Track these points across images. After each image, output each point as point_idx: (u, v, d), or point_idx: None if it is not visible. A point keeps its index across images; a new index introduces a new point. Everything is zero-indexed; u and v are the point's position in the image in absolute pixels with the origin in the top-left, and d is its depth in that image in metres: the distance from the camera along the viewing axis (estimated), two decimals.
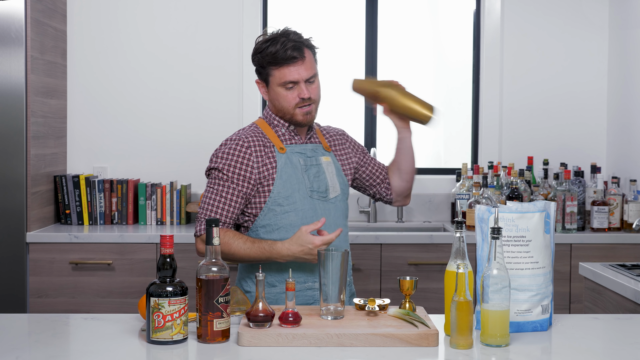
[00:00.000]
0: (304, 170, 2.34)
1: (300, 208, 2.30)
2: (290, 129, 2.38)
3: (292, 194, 2.30)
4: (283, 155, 2.32)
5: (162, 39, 4.07)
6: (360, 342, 1.82)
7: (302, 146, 2.37)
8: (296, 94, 2.31)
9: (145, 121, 4.07)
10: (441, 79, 4.36)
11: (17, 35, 3.45)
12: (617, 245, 3.60)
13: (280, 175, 2.30)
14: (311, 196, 2.33)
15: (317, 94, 2.36)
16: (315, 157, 2.38)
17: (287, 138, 2.37)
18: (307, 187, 2.33)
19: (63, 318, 2.08)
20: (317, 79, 2.36)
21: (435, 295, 3.47)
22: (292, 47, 2.27)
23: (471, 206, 3.71)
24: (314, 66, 2.34)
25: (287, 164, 2.32)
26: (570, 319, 2.12)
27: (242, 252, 2.24)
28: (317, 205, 2.33)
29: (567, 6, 4.15)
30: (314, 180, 2.34)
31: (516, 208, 1.97)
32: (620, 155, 4.02)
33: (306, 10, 4.28)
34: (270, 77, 2.32)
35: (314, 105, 2.34)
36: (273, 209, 2.30)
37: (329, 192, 2.36)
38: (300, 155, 2.35)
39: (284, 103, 2.32)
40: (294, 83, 2.30)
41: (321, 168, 2.37)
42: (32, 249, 3.50)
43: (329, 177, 2.37)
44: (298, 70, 2.29)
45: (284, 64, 2.28)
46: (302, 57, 2.29)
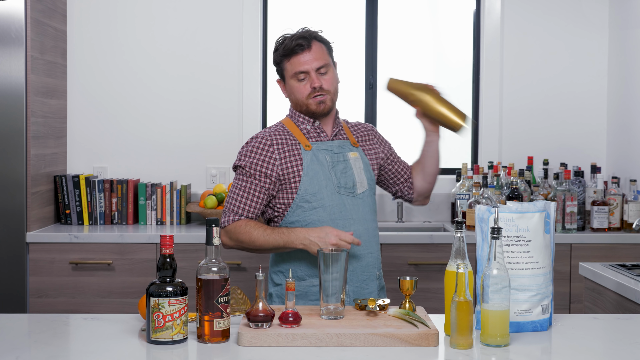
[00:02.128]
0: (330, 166, 2.39)
1: (328, 204, 2.36)
2: (315, 125, 2.43)
3: (320, 190, 2.36)
4: (309, 153, 2.38)
5: (162, 39, 4.07)
6: (360, 342, 1.82)
7: (328, 143, 2.43)
8: (308, 85, 2.38)
9: (145, 121, 4.07)
10: (441, 79, 4.36)
11: (17, 35, 3.45)
12: (617, 245, 3.60)
13: (307, 172, 2.36)
14: (339, 192, 2.38)
15: (331, 84, 2.40)
16: (342, 153, 2.43)
17: (312, 135, 2.43)
18: (335, 184, 2.38)
19: (63, 318, 2.08)
20: (330, 70, 2.41)
21: (435, 295, 3.47)
22: (299, 37, 2.37)
23: (471, 206, 3.71)
24: (324, 57, 2.40)
25: (313, 161, 2.38)
26: (570, 319, 2.12)
27: (262, 239, 2.32)
28: (345, 201, 2.38)
29: (567, 6, 4.15)
30: (341, 177, 2.39)
31: (516, 208, 1.97)
32: (620, 155, 4.02)
33: (306, 10, 4.28)
34: (285, 72, 2.41)
35: (328, 95, 2.39)
36: (301, 206, 2.36)
37: (356, 187, 2.40)
38: (326, 152, 2.41)
39: (297, 95, 2.40)
40: (305, 73, 2.37)
41: (348, 164, 2.42)
42: (32, 249, 3.50)
43: (356, 173, 2.42)
44: (306, 59, 2.36)
45: (292, 55, 2.37)
46: (308, 46, 2.37)
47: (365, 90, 4.25)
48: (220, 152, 4.05)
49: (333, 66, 2.44)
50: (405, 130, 4.26)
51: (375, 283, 2.45)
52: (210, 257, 1.86)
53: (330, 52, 2.45)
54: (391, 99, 4.41)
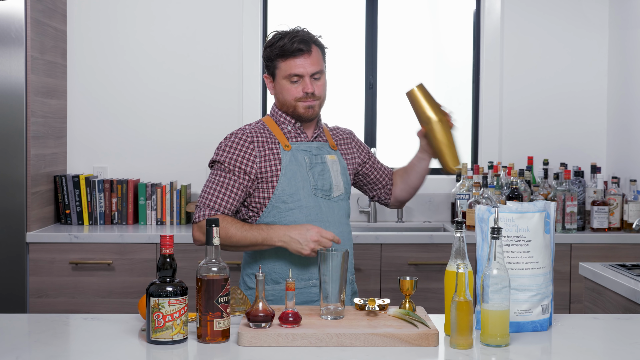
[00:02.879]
0: (308, 168, 2.36)
1: (304, 205, 2.32)
2: (296, 126, 2.40)
3: (297, 191, 2.32)
4: (288, 153, 2.35)
5: (162, 39, 4.07)
6: (360, 342, 1.82)
7: (307, 144, 2.39)
8: (300, 88, 2.34)
9: (146, 121, 4.07)
10: (441, 79, 4.36)
11: (17, 35, 3.45)
12: (617, 245, 3.60)
13: (285, 172, 2.32)
14: (315, 194, 2.35)
15: (322, 91, 2.38)
16: (320, 155, 2.40)
17: (293, 135, 2.39)
18: (312, 185, 2.35)
19: (63, 318, 2.08)
20: (323, 76, 2.38)
21: (435, 295, 3.47)
22: (300, 40, 2.32)
23: (471, 206, 3.71)
24: (320, 63, 2.37)
25: (292, 162, 2.34)
26: (570, 319, 2.12)
27: (239, 235, 2.26)
28: (321, 204, 2.35)
29: (567, 6, 4.15)
30: (318, 179, 2.36)
31: (516, 208, 1.97)
32: (620, 155, 4.02)
33: (306, 10, 4.28)
34: (277, 69, 2.36)
35: (317, 101, 2.37)
36: (277, 206, 2.32)
37: (332, 190, 2.38)
38: (305, 153, 2.37)
39: (287, 96, 2.35)
40: (299, 76, 2.33)
41: (326, 166, 2.39)
42: (32, 249, 3.50)
43: (333, 176, 2.39)
44: (304, 64, 2.32)
45: (290, 56, 2.32)
46: (308, 51, 2.33)
47: (365, 90, 4.25)
48: None
49: (325, 72, 2.41)
50: (405, 130, 4.26)
51: (348, 287, 2.41)
52: (210, 257, 1.86)
53: (324, 56, 2.42)
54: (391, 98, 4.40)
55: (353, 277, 2.47)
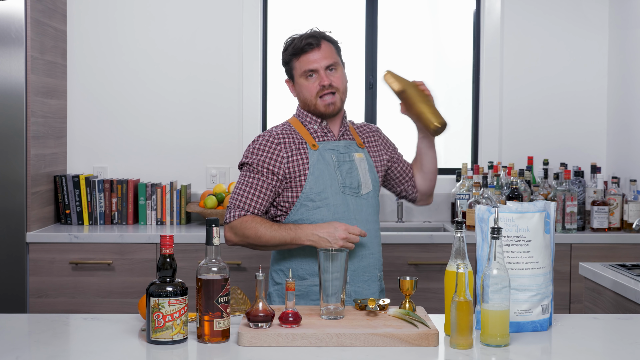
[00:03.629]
0: (336, 166, 2.40)
1: (332, 203, 2.37)
2: (322, 125, 2.44)
3: (325, 189, 2.37)
4: (315, 152, 2.39)
5: (162, 39, 4.07)
6: (360, 342, 1.82)
7: (334, 143, 2.43)
8: (317, 83, 2.39)
9: (145, 121, 4.07)
10: (441, 78, 4.36)
11: (17, 35, 3.45)
12: (617, 245, 3.60)
13: (313, 171, 2.37)
14: (343, 192, 2.39)
15: (341, 82, 2.43)
16: (348, 153, 2.44)
17: (319, 135, 2.44)
18: (340, 183, 2.39)
19: (63, 318, 2.08)
20: (340, 68, 2.44)
21: (435, 295, 3.47)
22: (308, 36, 2.40)
23: (471, 206, 3.71)
24: (333, 55, 2.42)
25: (319, 161, 2.39)
26: (570, 319, 2.12)
27: (269, 235, 2.31)
28: (349, 201, 2.39)
29: (567, 6, 4.15)
30: (346, 177, 2.40)
31: (516, 208, 1.97)
32: (620, 155, 4.02)
33: (306, 10, 4.28)
34: (294, 70, 2.43)
35: (337, 94, 2.42)
36: (305, 204, 2.36)
37: (361, 188, 2.41)
38: (332, 152, 2.42)
39: (306, 94, 2.41)
40: (314, 71, 2.39)
41: (354, 164, 2.43)
42: (32, 249, 3.50)
43: (361, 174, 2.43)
44: (316, 58, 2.38)
45: (302, 54, 2.39)
46: (317, 45, 2.39)
47: (365, 90, 4.25)
48: (220, 152, 4.05)
49: (342, 66, 2.47)
50: (405, 130, 4.26)
51: (376, 284, 2.45)
52: (210, 257, 1.86)
53: (339, 51, 2.47)
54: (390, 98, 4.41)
55: (381, 274, 2.50)
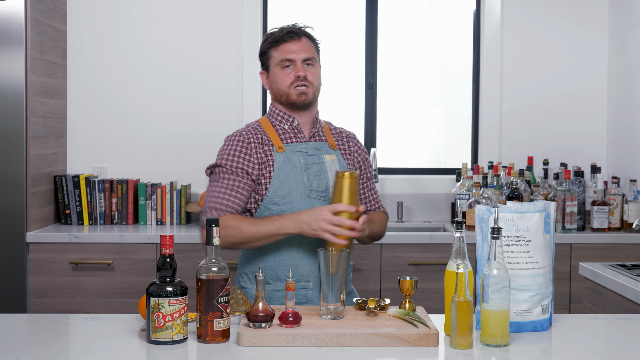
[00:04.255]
0: (304, 169, 2.34)
1: (297, 207, 2.31)
2: (293, 124, 2.39)
3: (289, 193, 2.31)
4: (281, 155, 2.34)
5: (162, 39, 4.07)
6: (360, 342, 1.82)
7: (303, 145, 2.38)
8: (293, 73, 2.35)
9: (146, 121, 4.07)
10: (441, 79, 4.36)
11: (17, 35, 3.45)
12: (617, 245, 3.60)
13: (277, 174, 2.31)
14: (309, 195, 2.33)
15: (315, 78, 2.38)
16: (318, 155, 2.38)
17: (289, 136, 2.38)
18: (306, 187, 2.33)
19: (63, 318, 2.08)
20: (316, 65, 2.40)
21: (435, 295, 3.47)
22: (289, 29, 2.39)
23: (471, 206, 3.71)
24: (312, 50, 2.39)
25: (285, 163, 2.33)
26: (570, 319, 2.12)
27: (253, 230, 2.23)
28: (315, 204, 2.32)
29: (567, 6, 4.15)
30: (314, 179, 2.34)
31: (516, 208, 1.97)
32: (620, 155, 4.02)
33: (306, 10, 4.29)
34: (270, 59, 2.40)
35: (311, 87, 2.37)
36: (269, 208, 2.31)
37: (329, 191, 2.35)
38: (301, 154, 2.36)
39: (280, 83, 2.37)
40: (290, 61, 2.36)
41: (324, 167, 2.37)
42: (32, 249, 3.50)
43: (330, 176, 2.37)
44: (294, 49, 2.36)
45: (281, 42, 2.37)
46: (298, 37, 2.37)
47: (365, 90, 4.25)
48: None
49: (319, 65, 2.43)
50: (405, 130, 4.26)
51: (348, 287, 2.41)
52: (210, 257, 1.86)
53: (318, 51, 2.44)
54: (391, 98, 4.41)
55: (350, 277, 2.46)
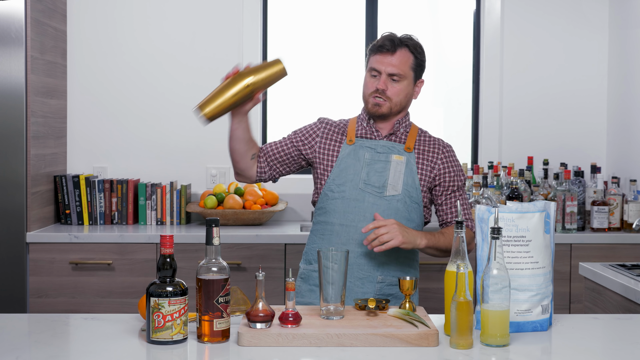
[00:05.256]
0: (367, 163, 2.44)
1: (347, 197, 2.42)
2: (370, 123, 2.49)
3: (345, 183, 2.44)
4: (349, 147, 2.48)
5: (162, 39, 4.07)
6: (360, 342, 1.82)
7: (375, 142, 2.48)
8: (376, 83, 2.43)
9: (146, 121, 4.07)
10: (441, 78, 4.36)
11: (17, 35, 3.45)
12: (617, 245, 3.60)
13: (339, 164, 2.46)
14: (363, 189, 2.42)
15: (396, 95, 2.43)
16: (386, 153, 2.46)
17: (365, 132, 2.50)
18: (362, 179, 2.43)
19: (63, 318, 2.08)
20: (404, 82, 2.43)
21: (435, 295, 3.47)
22: (388, 39, 2.43)
23: (471, 206, 3.71)
24: (404, 68, 2.42)
25: (350, 155, 2.46)
26: (570, 319, 2.12)
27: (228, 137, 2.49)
28: (367, 198, 2.41)
29: (567, 6, 4.15)
30: (373, 175, 2.43)
31: (516, 208, 1.97)
32: (620, 155, 4.02)
33: (306, 10, 4.29)
34: (367, 63, 2.49)
35: (388, 102, 2.43)
36: (326, 194, 2.46)
37: (386, 188, 2.42)
38: (369, 149, 2.46)
39: (364, 88, 2.49)
40: (377, 72, 2.43)
41: (388, 165, 2.44)
42: (32, 249, 3.50)
43: (392, 175, 2.43)
44: (383, 61, 2.42)
45: (376, 52, 2.44)
46: (392, 50, 2.41)
47: None
48: (220, 152, 4.04)
49: (411, 81, 2.44)
50: None
51: (373, 286, 2.41)
52: (210, 257, 1.86)
53: (418, 66, 2.45)
54: None
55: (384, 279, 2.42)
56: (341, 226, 2.42)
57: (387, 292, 2.42)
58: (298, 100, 4.27)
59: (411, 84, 2.46)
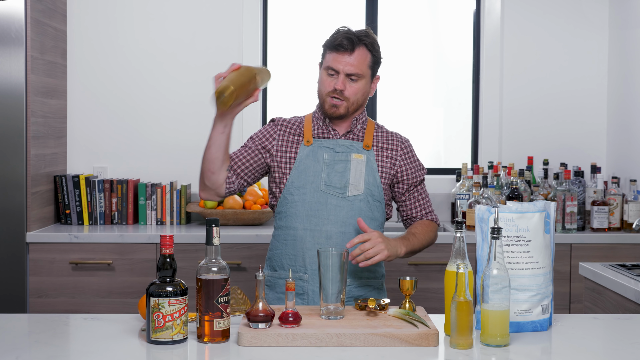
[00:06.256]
0: (326, 164, 2.39)
1: (308, 200, 2.37)
2: (326, 122, 2.44)
3: (304, 185, 2.38)
4: (307, 148, 2.41)
5: (162, 39, 4.07)
6: (360, 342, 1.82)
7: (333, 141, 2.42)
8: (333, 83, 2.38)
9: (146, 121, 4.07)
10: (441, 78, 4.36)
11: (17, 35, 3.45)
12: (617, 245, 3.60)
13: (298, 166, 2.39)
14: (325, 190, 2.37)
15: (354, 94, 2.38)
16: (345, 153, 2.41)
17: (322, 132, 2.44)
18: (323, 181, 2.37)
19: (63, 318, 2.08)
20: (361, 81, 2.39)
21: (435, 295, 3.47)
22: (346, 37, 2.37)
23: (471, 206, 3.71)
24: (362, 67, 2.38)
25: (308, 157, 2.40)
26: (570, 319, 2.12)
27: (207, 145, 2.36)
28: (329, 200, 2.36)
29: (567, 6, 4.15)
30: (334, 176, 2.38)
31: (516, 208, 1.97)
32: (620, 155, 4.02)
33: (306, 10, 4.29)
34: (323, 59, 2.43)
35: (345, 102, 2.38)
36: (286, 197, 2.40)
37: (347, 189, 2.38)
38: (327, 149, 2.41)
39: (321, 87, 2.43)
40: (334, 71, 2.37)
41: (348, 164, 2.40)
42: (32, 249, 3.50)
43: (353, 175, 2.38)
44: (341, 60, 2.36)
45: (333, 50, 2.38)
46: (350, 50, 2.36)
47: None
48: None
49: (368, 79, 2.41)
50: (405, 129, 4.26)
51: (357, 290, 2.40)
52: (210, 257, 1.86)
53: (375, 63, 2.43)
54: (391, 97, 4.39)
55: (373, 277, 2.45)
56: (305, 230, 2.36)
57: (356, 294, 2.39)
58: (298, 100, 4.27)
59: (369, 82, 2.42)
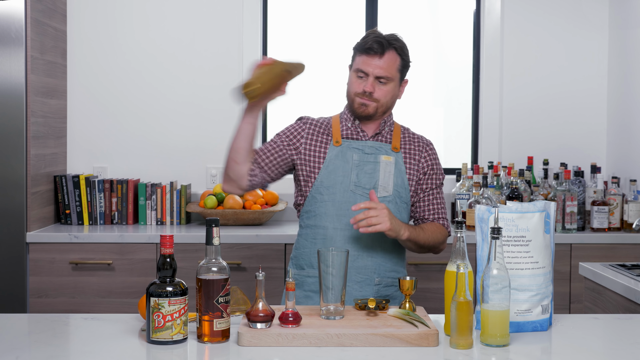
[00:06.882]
0: (355, 165, 2.41)
1: (338, 200, 2.39)
2: (355, 124, 2.47)
3: (334, 185, 2.40)
4: (337, 148, 2.44)
5: (162, 39, 4.07)
6: (360, 342, 1.82)
7: (362, 142, 2.45)
8: (362, 85, 2.41)
9: (146, 121, 4.07)
10: (441, 78, 4.36)
11: (17, 35, 3.45)
12: (617, 245, 3.60)
13: (327, 166, 2.42)
14: (354, 191, 2.39)
15: (383, 96, 2.42)
16: (374, 154, 2.44)
17: (350, 133, 2.46)
18: (352, 181, 2.40)
19: (63, 318, 2.08)
20: (391, 84, 2.42)
21: (435, 295, 3.47)
22: (376, 40, 2.41)
23: (471, 206, 3.71)
24: (391, 70, 2.41)
25: (337, 157, 2.42)
26: (570, 319, 2.12)
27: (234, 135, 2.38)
28: (357, 200, 2.38)
29: (567, 6, 4.15)
30: (363, 176, 2.41)
31: (516, 208, 1.97)
32: (620, 155, 4.02)
33: (306, 10, 4.29)
34: (353, 62, 2.47)
35: (374, 103, 2.41)
36: (315, 197, 2.42)
37: (376, 190, 2.40)
38: (356, 150, 2.43)
39: (350, 88, 2.46)
40: (364, 73, 2.41)
41: (377, 166, 2.42)
42: (32, 249, 3.50)
43: (382, 176, 2.41)
44: (371, 63, 2.40)
45: (363, 53, 2.42)
46: (380, 53, 2.40)
47: None
48: (220, 152, 4.03)
49: (397, 82, 2.44)
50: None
51: (371, 288, 2.40)
52: (210, 257, 1.86)
53: (404, 67, 2.46)
54: None
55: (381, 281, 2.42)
56: (335, 230, 2.39)
57: (384, 294, 2.43)
58: (298, 100, 4.27)
59: (397, 85, 2.46)
